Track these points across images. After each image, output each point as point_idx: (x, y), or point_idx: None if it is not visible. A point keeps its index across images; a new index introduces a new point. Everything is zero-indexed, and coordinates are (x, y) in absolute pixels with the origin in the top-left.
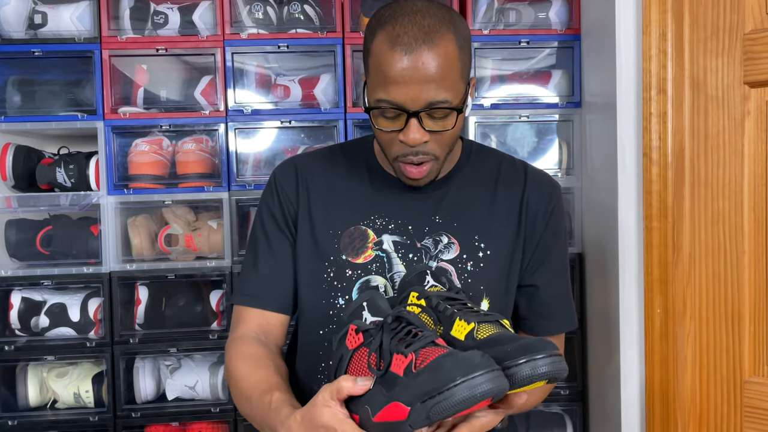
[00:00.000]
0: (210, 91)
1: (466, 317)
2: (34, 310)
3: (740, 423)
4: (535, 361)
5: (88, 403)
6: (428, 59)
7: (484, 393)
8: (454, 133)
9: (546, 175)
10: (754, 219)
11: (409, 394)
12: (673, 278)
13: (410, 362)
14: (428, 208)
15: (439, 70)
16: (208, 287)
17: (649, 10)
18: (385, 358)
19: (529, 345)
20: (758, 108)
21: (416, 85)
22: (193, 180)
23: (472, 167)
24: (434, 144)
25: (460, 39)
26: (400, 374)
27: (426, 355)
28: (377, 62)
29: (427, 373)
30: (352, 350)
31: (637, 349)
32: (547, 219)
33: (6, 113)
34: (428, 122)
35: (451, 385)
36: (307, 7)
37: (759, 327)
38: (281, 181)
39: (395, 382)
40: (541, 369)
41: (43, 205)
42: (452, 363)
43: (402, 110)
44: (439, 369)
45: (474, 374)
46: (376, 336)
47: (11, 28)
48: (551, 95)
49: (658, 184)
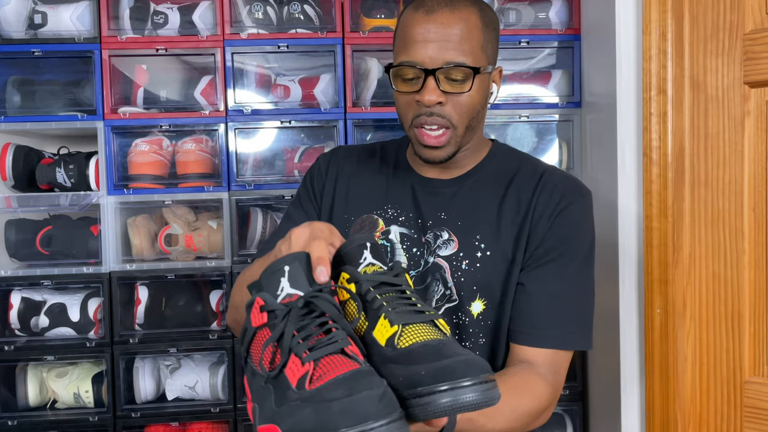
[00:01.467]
0: (210, 91)
1: (392, 316)
2: (34, 310)
3: (740, 423)
4: (458, 388)
5: (88, 403)
6: (448, 20)
7: None
8: (471, 102)
9: (569, 179)
10: (754, 219)
11: (290, 424)
12: (673, 278)
13: (306, 374)
14: (437, 204)
15: (458, 33)
16: (208, 287)
17: (649, 10)
18: (282, 354)
19: (450, 368)
20: (758, 108)
21: (435, 43)
22: (193, 180)
23: (491, 168)
24: (451, 109)
25: (485, 18)
26: (292, 385)
27: (326, 370)
28: (401, 28)
29: (313, 405)
30: (255, 328)
31: (637, 349)
32: (551, 221)
33: (6, 113)
34: (445, 85)
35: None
36: (307, 7)
37: (759, 327)
38: (320, 162)
39: (285, 395)
40: (465, 398)
41: (43, 205)
42: (340, 406)
43: (421, 69)
44: (326, 409)
45: (369, 425)
46: (279, 322)
47: (11, 28)
48: (551, 95)
49: (658, 184)
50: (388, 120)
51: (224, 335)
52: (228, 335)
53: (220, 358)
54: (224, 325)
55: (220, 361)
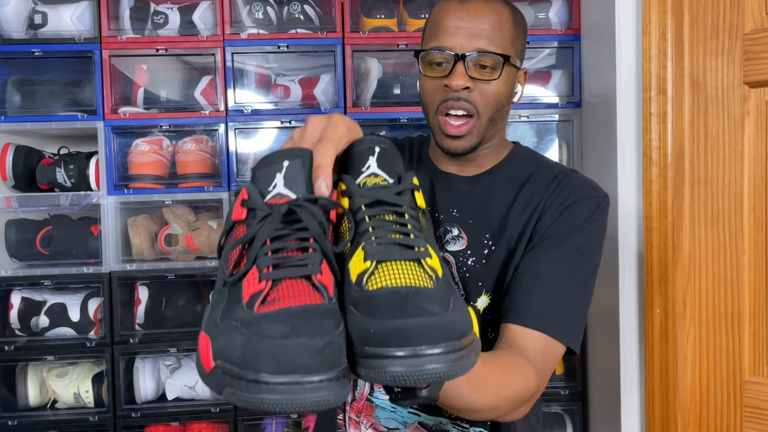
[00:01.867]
0: (210, 91)
1: (369, 248)
2: (34, 310)
3: (740, 423)
4: (419, 358)
5: (88, 403)
6: (481, 9)
7: (286, 408)
8: (497, 92)
9: (586, 181)
10: (754, 219)
11: (221, 344)
12: (673, 278)
13: (259, 292)
14: (450, 200)
15: (490, 23)
16: (208, 287)
17: (649, 10)
18: (247, 260)
19: (403, 332)
20: (758, 108)
21: (467, 30)
22: (193, 180)
23: (509, 169)
24: (478, 96)
25: (516, 16)
26: (244, 300)
27: (281, 295)
28: (434, 15)
29: (246, 336)
30: (233, 222)
31: (637, 349)
32: (557, 214)
33: (6, 113)
34: (474, 71)
35: (252, 377)
36: (307, 7)
37: (759, 327)
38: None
39: (233, 309)
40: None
41: (43, 205)
42: (269, 349)
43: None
44: (253, 348)
45: (286, 378)
46: (255, 224)
47: (11, 28)
48: (551, 95)
49: (658, 184)
50: (388, 120)
51: None
52: None
53: None
54: None
55: None
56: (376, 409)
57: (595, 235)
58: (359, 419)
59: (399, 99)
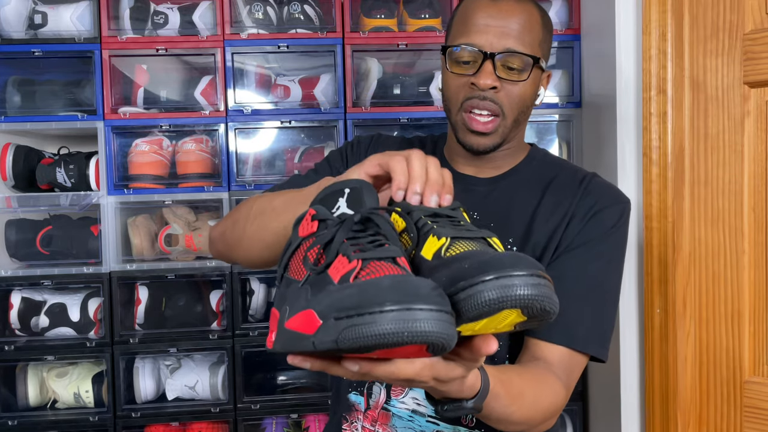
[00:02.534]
0: (210, 91)
1: (440, 231)
2: (34, 310)
3: (740, 423)
4: (506, 277)
5: (88, 403)
6: (512, 9)
7: (416, 334)
8: (523, 93)
9: (609, 186)
10: (754, 219)
11: (328, 304)
12: (673, 278)
13: (352, 270)
14: (470, 202)
15: (521, 23)
16: (208, 287)
17: (649, 10)
18: (328, 255)
19: (500, 259)
20: (758, 108)
21: (497, 29)
22: (193, 180)
23: (528, 171)
24: (504, 96)
25: (545, 18)
26: (334, 281)
27: (374, 270)
28: (463, 12)
29: (358, 287)
30: (302, 238)
31: (637, 349)
32: (584, 223)
33: (6, 113)
34: (502, 71)
35: (376, 309)
36: (307, 7)
37: (759, 327)
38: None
39: (324, 289)
40: (517, 290)
41: (43, 205)
42: (391, 283)
43: (480, 52)
44: (372, 286)
45: (412, 306)
46: (330, 229)
47: (11, 28)
48: (551, 95)
49: (658, 184)
50: (388, 120)
51: (224, 335)
52: (228, 335)
53: (220, 358)
54: (224, 325)
55: (220, 361)
56: (393, 417)
57: (620, 242)
58: (374, 428)
59: (399, 99)
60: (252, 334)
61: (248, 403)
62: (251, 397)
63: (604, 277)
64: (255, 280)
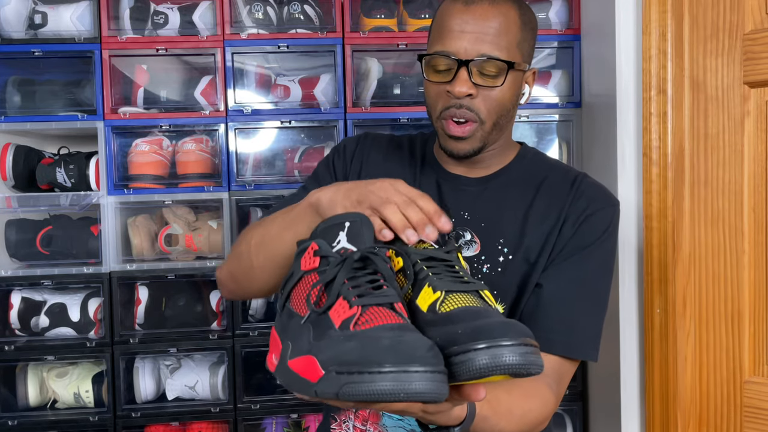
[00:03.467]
0: (210, 91)
1: (435, 284)
2: (34, 310)
3: (740, 423)
4: (496, 346)
5: (88, 403)
6: (487, 12)
7: (413, 394)
8: (502, 98)
9: (600, 187)
10: (754, 219)
11: (330, 355)
12: (673, 278)
13: (352, 317)
14: (461, 203)
15: (496, 26)
16: (208, 287)
17: (649, 10)
18: (330, 296)
19: (488, 327)
20: (758, 108)
21: (471, 35)
22: (193, 180)
23: (519, 171)
24: (481, 102)
25: (524, 16)
26: (335, 325)
27: (373, 317)
28: (438, 18)
29: (359, 340)
30: (304, 272)
31: (637, 349)
32: (576, 227)
33: (6, 113)
34: (478, 77)
35: (375, 369)
36: (307, 7)
37: (759, 327)
38: (347, 145)
39: (326, 333)
40: (505, 359)
41: (43, 205)
42: (390, 342)
43: (455, 60)
44: (373, 344)
45: (408, 368)
46: (332, 268)
47: (11, 28)
48: (551, 95)
49: (658, 184)
50: (388, 120)
51: (224, 335)
52: (228, 335)
53: (220, 358)
54: (224, 325)
55: (220, 361)
56: (383, 416)
57: (612, 246)
58: (365, 427)
59: (399, 99)
60: (252, 334)
61: (248, 403)
62: (251, 397)
63: (597, 283)
64: None
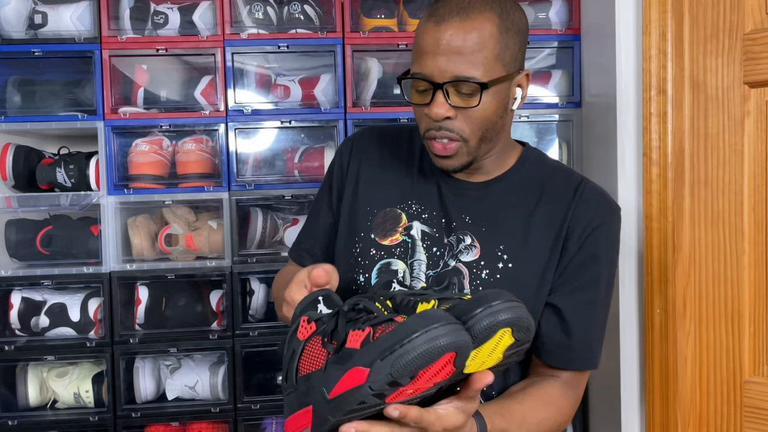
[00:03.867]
0: (210, 91)
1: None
2: (34, 310)
3: (740, 423)
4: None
5: (88, 403)
6: (458, 30)
7: (446, 345)
8: (483, 115)
9: (602, 195)
10: (754, 219)
11: (367, 356)
12: (673, 278)
13: (368, 335)
14: (462, 206)
15: (468, 44)
16: (208, 287)
17: (649, 10)
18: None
19: (483, 295)
20: (758, 108)
21: (444, 56)
22: (193, 180)
23: (522, 176)
24: (462, 123)
25: (506, 22)
26: (356, 348)
27: (385, 329)
28: (416, 37)
29: (387, 336)
30: (304, 341)
31: (637, 349)
32: (583, 239)
33: (6, 113)
34: (455, 98)
35: (412, 336)
36: (307, 7)
37: (759, 327)
38: (343, 151)
39: (351, 355)
40: (500, 315)
41: (43, 205)
42: (413, 318)
43: (430, 82)
44: (400, 326)
45: (434, 325)
46: (330, 321)
47: (11, 28)
48: (551, 95)
49: (658, 184)
50: (388, 120)
51: (224, 335)
52: (228, 335)
53: (220, 358)
54: (224, 325)
55: (220, 361)
56: None
57: (616, 256)
58: None
59: (399, 99)
60: (252, 334)
61: (248, 403)
62: (251, 397)
63: (607, 297)
64: (255, 280)
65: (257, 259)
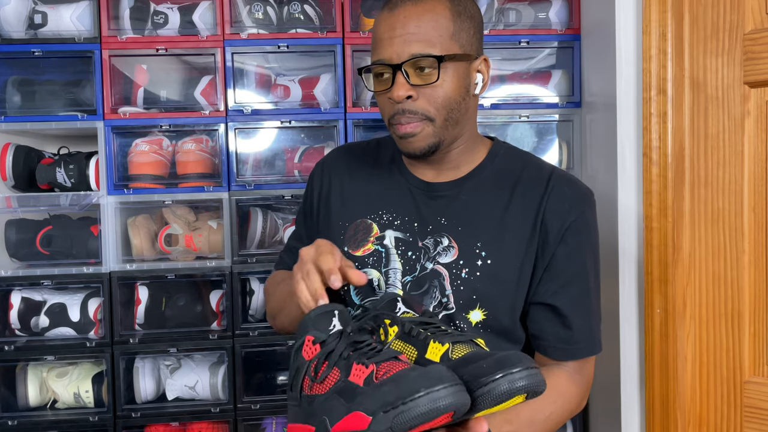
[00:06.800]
0: (210, 91)
1: (440, 339)
2: (34, 310)
3: (740, 423)
4: (512, 374)
5: (88, 403)
6: (411, 13)
7: (447, 406)
8: (444, 93)
9: (574, 183)
10: (754, 219)
11: (371, 403)
12: (673, 278)
13: (371, 373)
14: (437, 208)
15: (422, 25)
16: (208, 287)
17: (649, 10)
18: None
19: (504, 359)
20: (758, 108)
21: (399, 38)
22: (193, 180)
23: (493, 170)
24: (424, 102)
25: (458, 7)
26: (359, 384)
27: (388, 368)
28: (373, 31)
29: (391, 383)
30: (309, 361)
31: (637, 349)
32: (561, 234)
33: (6, 113)
34: (415, 78)
35: (415, 396)
36: (307, 7)
37: (759, 327)
38: (315, 173)
39: (354, 392)
40: (518, 383)
41: (43, 205)
42: (418, 374)
43: (389, 65)
44: (404, 379)
45: (437, 387)
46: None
47: (11, 28)
48: (551, 95)
49: (658, 184)
50: None
51: (224, 335)
52: (228, 335)
53: (220, 358)
54: (224, 325)
55: (220, 361)
56: None
57: (596, 238)
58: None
59: None
60: (252, 334)
61: (248, 403)
62: (251, 397)
63: (595, 279)
64: (255, 280)
65: (257, 259)
